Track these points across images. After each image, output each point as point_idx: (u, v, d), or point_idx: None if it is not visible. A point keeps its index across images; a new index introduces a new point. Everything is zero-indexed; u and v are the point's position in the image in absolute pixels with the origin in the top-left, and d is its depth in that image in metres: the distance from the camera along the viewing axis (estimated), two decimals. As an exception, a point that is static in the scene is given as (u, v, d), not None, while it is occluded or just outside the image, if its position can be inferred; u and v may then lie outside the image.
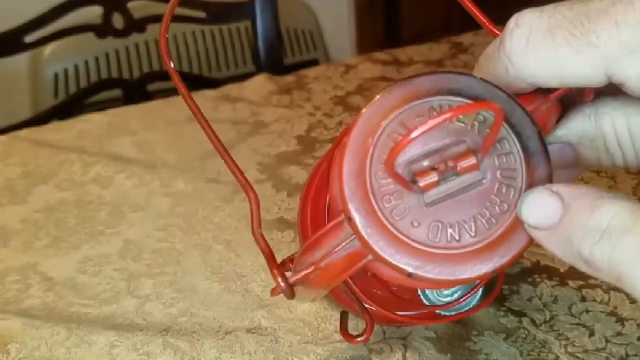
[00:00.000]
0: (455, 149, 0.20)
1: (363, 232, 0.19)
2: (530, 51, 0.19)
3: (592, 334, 0.35)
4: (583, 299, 0.37)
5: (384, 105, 0.20)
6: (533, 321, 0.36)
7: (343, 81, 0.81)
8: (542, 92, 0.21)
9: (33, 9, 0.88)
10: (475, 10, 0.23)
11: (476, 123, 0.20)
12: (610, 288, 0.38)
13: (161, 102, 0.79)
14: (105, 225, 0.51)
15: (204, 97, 0.78)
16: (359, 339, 0.30)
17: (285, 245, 0.46)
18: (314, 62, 1.61)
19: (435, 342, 0.35)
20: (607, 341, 0.34)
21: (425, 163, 0.20)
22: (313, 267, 0.21)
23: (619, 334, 0.35)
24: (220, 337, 0.37)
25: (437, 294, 0.31)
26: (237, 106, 0.75)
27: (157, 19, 0.96)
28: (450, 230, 0.19)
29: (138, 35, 0.95)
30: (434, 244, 0.19)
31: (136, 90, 0.96)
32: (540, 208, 0.18)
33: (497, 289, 0.33)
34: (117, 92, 0.98)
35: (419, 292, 0.31)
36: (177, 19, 0.96)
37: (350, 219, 0.20)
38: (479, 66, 0.22)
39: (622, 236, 0.16)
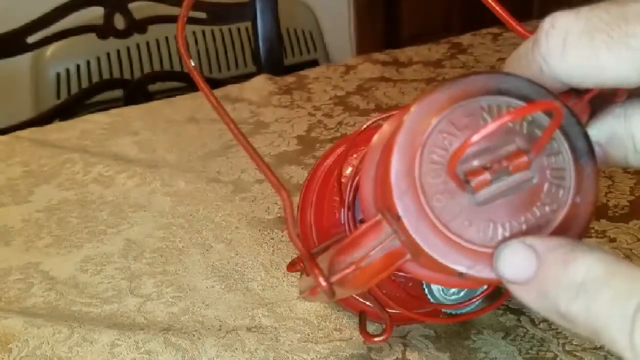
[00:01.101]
0: (505, 148, 0.20)
1: (413, 232, 0.19)
2: (567, 53, 0.19)
3: (589, 333, 0.35)
4: (581, 298, 0.38)
5: (432, 104, 0.20)
6: (531, 320, 0.36)
7: (343, 81, 0.81)
8: (575, 92, 0.21)
9: (35, 10, 0.88)
10: (502, 12, 0.23)
11: (525, 123, 0.20)
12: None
13: (162, 102, 0.79)
14: (107, 224, 0.51)
15: (205, 97, 0.79)
16: (378, 339, 0.30)
17: (285, 244, 0.46)
18: (314, 63, 1.61)
19: (435, 341, 0.35)
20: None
21: (475, 162, 0.19)
22: (353, 267, 0.21)
23: (616, 332, 0.35)
24: (221, 335, 0.37)
25: (443, 292, 0.31)
26: (237, 106, 0.75)
27: (158, 20, 0.96)
28: (501, 230, 0.19)
29: (139, 36, 0.95)
30: (486, 244, 0.19)
31: (137, 90, 0.97)
32: (515, 262, 0.18)
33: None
34: (118, 93, 0.98)
35: (425, 290, 0.31)
36: (177, 19, 0.96)
37: (399, 219, 0.19)
38: (509, 65, 0.22)
39: (597, 290, 0.16)
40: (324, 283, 0.21)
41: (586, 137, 0.20)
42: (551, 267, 0.17)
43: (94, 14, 0.93)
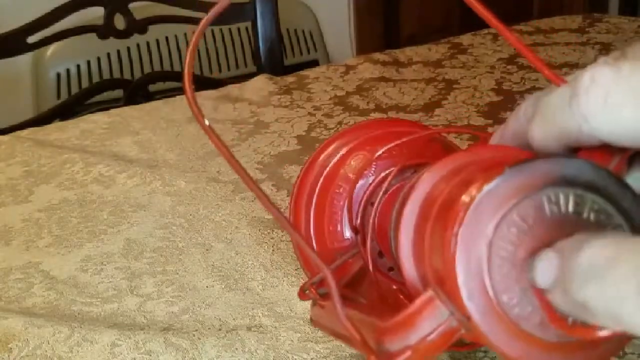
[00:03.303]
0: None
1: (487, 333, 0.19)
2: (609, 113, 0.18)
3: (589, 332, 0.35)
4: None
5: (496, 195, 0.19)
6: (531, 319, 0.36)
7: (343, 82, 0.81)
8: (612, 147, 0.21)
9: (35, 10, 0.88)
10: (529, 53, 0.23)
11: (592, 214, 0.19)
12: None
13: (162, 103, 0.79)
14: (107, 224, 0.51)
15: (205, 98, 0.79)
16: None
17: (285, 244, 0.46)
18: (314, 63, 1.61)
19: (434, 340, 0.35)
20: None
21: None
22: (410, 352, 0.21)
23: (616, 331, 0.35)
24: (221, 335, 0.37)
25: None
26: (237, 106, 0.75)
27: (158, 20, 0.96)
28: (571, 324, 0.19)
29: (139, 36, 0.96)
30: (560, 338, 0.19)
31: (137, 90, 0.97)
32: (544, 268, 0.18)
33: None
34: (118, 93, 0.98)
35: None
36: (178, 19, 0.96)
37: (469, 318, 0.19)
38: (541, 114, 0.21)
39: (608, 270, 0.16)
40: None
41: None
42: (567, 261, 0.17)
43: (94, 14, 0.93)
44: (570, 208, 0.19)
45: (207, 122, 0.23)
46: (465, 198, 0.19)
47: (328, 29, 1.72)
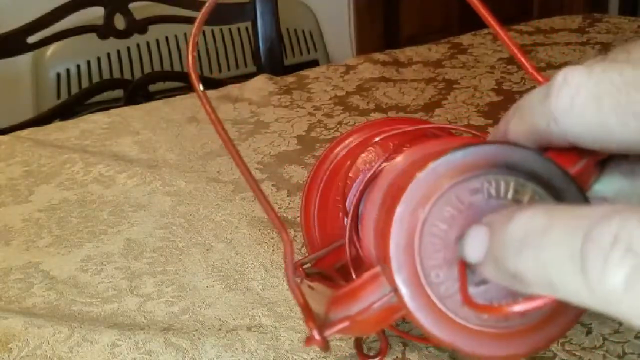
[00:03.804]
0: None
1: (410, 306, 0.19)
2: (575, 114, 0.18)
3: (589, 332, 0.35)
4: (581, 298, 0.38)
5: (437, 173, 0.19)
6: (531, 319, 0.36)
7: (343, 81, 0.81)
8: (582, 150, 0.21)
9: (35, 10, 0.88)
10: (520, 55, 0.23)
11: (532, 202, 0.19)
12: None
13: (162, 102, 0.79)
14: (107, 224, 0.51)
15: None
16: None
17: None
18: (314, 63, 1.61)
19: (434, 340, 0.35)
20: (604, 339, 0.35)
21: None
22: (348, 322, 0.21)
23: (616, 332, 0.35)
24: (221, 335, 0.37)
25: None
26: (237, 106, 0.75)
27: (158, 20, 0.96)
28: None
29: (139, 36, 0.96)
30: (482, 323, 0.19)
31: (137, 90, 0.97)
32: (474, 242, 0.18)
33: None
34: (118, 93, 0.98)
35: None
36: (178, 19, 0.96)
37: (396, 291, 0.19)
38: (519, 113, 0.21)
39: (539, 238, 0.16)
40: (317, 337, 0.21)
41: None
42: (497, 232, 0.17)
43: (94, 14, 0.93)
44: (510, 195, 0.19)
45: (201, 88, 0.24)
46: (409, 177, 0.20)
47: (328, 29, 1.72)
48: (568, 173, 0.20)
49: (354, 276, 0.30)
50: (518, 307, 0.17)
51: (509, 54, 0.87)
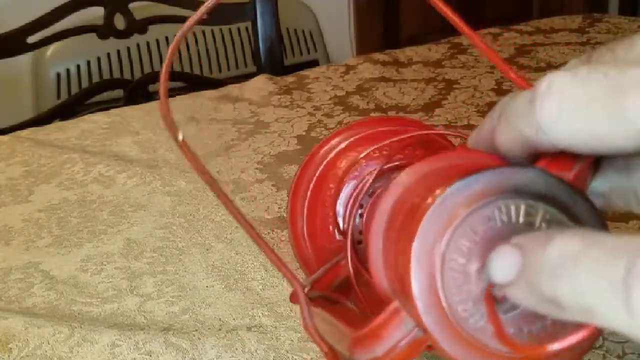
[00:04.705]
0: None
1: (444, 346, 0.19)
2: (562, 119, 0.18)
3: (589, 332, 0.35)
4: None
5: (447, 207, 0.19)
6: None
7: (343, 81, 0.81)
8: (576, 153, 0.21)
9: (35, 10, 0.88)
10: (499, 60, 0.22)
11: (544, 224, 0.19)
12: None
13: (162, 103, 0.79)
14: (107, 224, 0.51)
15: (205, 97, 0.79)
16: None
17: (285, 243, 0.46)
18: (314, 63, 1.61)
19: (434, 340, 0.35)
20: (604, 339, 0.35)
21: None
22: None
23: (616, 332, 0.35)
24: (221, 335, 0.37)
25: None
26: (237, 106, 0.75)
27: (158, 20, 0.96)
28: (529, 338, 0.19)
29: (139, 36, 0.96)
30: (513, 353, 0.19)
31: (137, 90, 0.97)
32: (502, 263, 0.18)
33: None
34: (118, 93, 0.98)
35: None
36: (178, 19, 0.96)
37: (426, 331, 0.19)
38: (505, 120, 0.21)
39: (577, 263, 0.16)
40: None
41: (604, 228, 0.20)
42: (532, 256, 0.17)
43: (94, 14, 0.93)
44: (522, 219, 0.19)
45: (181, 137, 0.23)
46: (419, 212, 0.19)
47: (328, 29, 1.72)
48: (574, 187, 0.20)
49: (358, 292, 0.29)
50: (557, 345, 0.17)
51: (509, 54, 0.87)
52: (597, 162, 0.23)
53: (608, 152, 0.18)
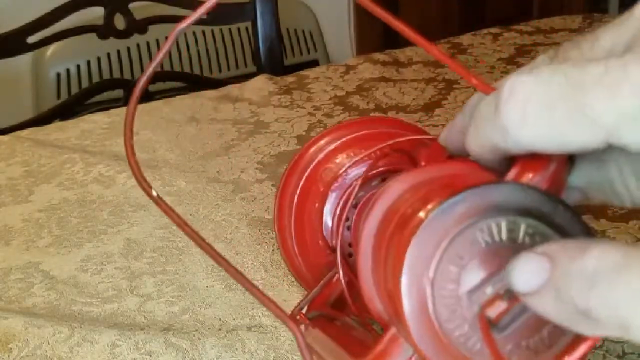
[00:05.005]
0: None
1: None
2: (527, 123, 0.18)
3: (589, 332, 0.35)
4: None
5: (430, 234, 0.19)
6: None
7: (343, 81, 0.81)
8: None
9: (35, 10, 0.88)
10: (462, 69, 0.22)
11: (527, 236, 0.19)
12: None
13: (162, 102, 0.79)
14: (107, 224, 0.51)
15: (205, 97, 0.79)
16: None
17: (285, 244, 0.46)
18: (314, 63, 1.61)
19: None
20: (604, 339, 0.35)
21: (489, 289, 0.19)
22: None
23: (616, 331, 0.35)
24: (221, 335, 0.37)
25: None
26: (237, 106, 0.75)
27: (158, 20, 0.96)
28: (527, 352, 0.19)
29: (139, 36, 0.96)
30: None
31: (137, 90, 0.96)
32: (527, 271, 0.18)
33: None
34: (118, 93, 0.98)
35: None
36: (178, 19, 0.96)
37: (425, 359, 0.19)
38: (474, 125, 0.21)
39: (614, 276, 0.15)
40: None
41: (588, 233, 0.20)
42: (566, 265, 0.17)
43: (94, 14, 0.93)
44: (504, 236, 0.19)
45: (155, 193, 0.23)
46: (403, 241, 0.20)
47: (328, 29, 1.71)
48: (553, 196, 0.20)
49: (354, 309, 0.29)
50: None
51: (509, 54, 0.87)
52: (571, 157, 0.23)
53: (577, 151, 0.18)
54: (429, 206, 0.20)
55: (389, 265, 0.20)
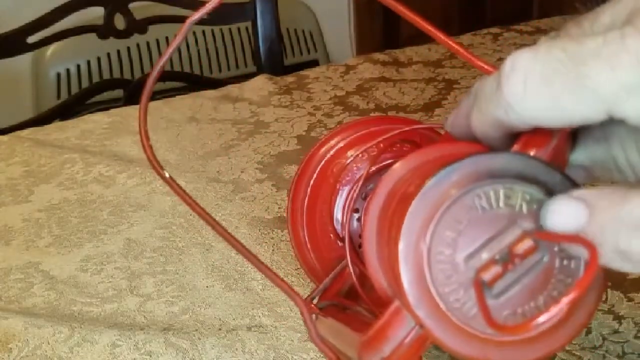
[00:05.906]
0: (509, 234, 0.19)
1: (440, 337, 0.19)
2: (528, 97, 0.18)
3: (589, 332, 0.35)
4: (581, 298, 0.38)
5: (427, 201, 0.19)
6: (531, 319, 0.36)
7: (343, 81, 0.81)
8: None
9: (35, 10, 0.88)
10: (464, 51, 0.23)
11: (524, 202, 0.20)
12: (608, 286, 0.38)
13: (162, 102, 0.79)
14: (107, 224, 0.51)
15: (205, 97, 0.79)
16: None
17: (285, 243, 0.46)
18: (314, 63, 1.61)
19: (434, 340, 0.35)
20: (604, 339, 0.35)
21: (484, 255, 0.19)
22: None
23: (615, 332, 0.35)
24: (221, 335, 0.37)
25: None
26: (237, 106, 0.75)
27: (158, 20, 0.96)
28: (521, 315, 0.19)
29: (139, 36, 0.96)
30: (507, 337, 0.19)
31: (137, 90, 0.97)
32: (565, 213, 0.18)
33: None
34: (118, 92, 0.98)
35: None
36: (178, 19, 0.96)
37: (422, 326, 0.20)
38: (477, 104, 0.21)
39: None
40: None
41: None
42: (607, 210, 0.17)
43: (94, 14, 0.93)
44: (501, 203, 0.19)
45: (167, 174, 0.23)
46: (402, 212, 0.20)
47: (328, 29, 1.71)
48: (551, 164, 0.20)
49: (363, 297, 0.30)
50: (543, 318, 0.17)
51: (509, 54, 0.87)
52: (574, 134, 0.23)
53: (579, 124, 0.18)
54: (426, 179, 0.20)
55: (391, 240, 0.20)
